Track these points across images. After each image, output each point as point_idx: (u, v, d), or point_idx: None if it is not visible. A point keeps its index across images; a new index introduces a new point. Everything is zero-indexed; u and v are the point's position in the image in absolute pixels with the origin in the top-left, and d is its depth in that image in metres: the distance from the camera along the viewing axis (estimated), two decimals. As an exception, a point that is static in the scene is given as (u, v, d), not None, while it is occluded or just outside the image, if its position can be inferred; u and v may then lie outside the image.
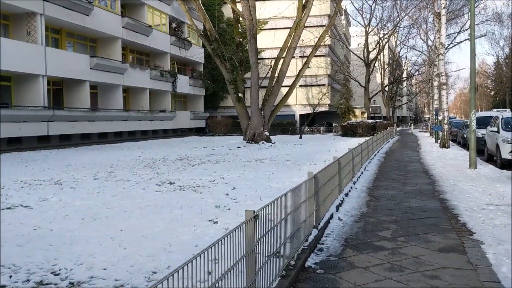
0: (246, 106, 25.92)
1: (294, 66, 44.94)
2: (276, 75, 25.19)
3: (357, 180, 11.19)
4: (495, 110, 24.15)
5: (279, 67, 25.21)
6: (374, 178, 12.06)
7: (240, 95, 25.44)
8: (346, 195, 8.89)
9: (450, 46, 32.69)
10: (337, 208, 7.57)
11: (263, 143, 24.36)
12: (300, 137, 35.89)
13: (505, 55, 65.04)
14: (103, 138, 29.37)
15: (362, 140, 18.48)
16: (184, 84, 39.37)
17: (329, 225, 6.55)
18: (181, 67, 42.59)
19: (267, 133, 25.04)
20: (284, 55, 24.99)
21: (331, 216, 6.90)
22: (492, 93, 75.41)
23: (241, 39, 26.43)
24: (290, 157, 17.69)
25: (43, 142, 24.04)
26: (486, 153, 17.23)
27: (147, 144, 27.80)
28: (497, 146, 14.89)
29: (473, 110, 13.89)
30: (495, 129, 15.54)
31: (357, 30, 68.25)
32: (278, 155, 18.50)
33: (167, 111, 36.69)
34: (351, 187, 9.82)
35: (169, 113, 36.81)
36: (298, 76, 26.38)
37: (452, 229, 6.37)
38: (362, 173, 12.64)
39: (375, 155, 18.66)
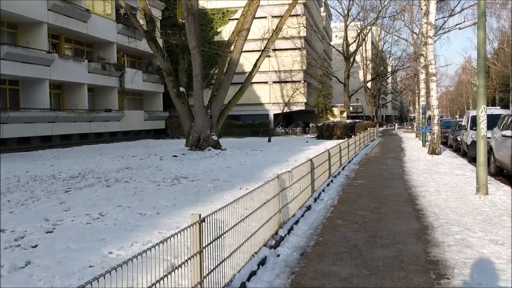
0: (191, 104, 20.87)
1: (266, 64, 40.15)
2: (226, 65, 20.17)
3: (291, 229, 6.28)
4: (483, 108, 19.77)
5: (229, 55, 20.17)
6: (325, 220, 7.14)
7: (181, 89, 20.29)
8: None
9: (439, 33, 28.12)
10: None
11: (209, 149, 19.36)
12: (269, 140, 31.06)
13: (493, 49, 61.14)
14: (24, 143, 24.06)
15: (338, 142, 13.70)
16: (137, 79, 34.05)
17: None
18: (135, 60, 37.33)
19: (215, 138, 19.97)
20: (235, 40, 19.93)
21: None
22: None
23: (184, 21, 21.30)
24: (226, 173, 12.78)
25: None
26: (493, 165, 12.55)
27: (73, 152, 22.62)
28: (515, 157, 10.25)
29: (482, 106, 9.10)
30: (510, 133, 10.84)
31: (338, 25, 63.65)
32: (213, 169, 13.59)
33: (113, 110, 31.42)
34: (264, 258, 4.89)
35: (115, 112, 31.51)
36: (255, 66, 21.32)
37: None
38: (308, 208, 7.75)
39: (343, 168, 13.81)
